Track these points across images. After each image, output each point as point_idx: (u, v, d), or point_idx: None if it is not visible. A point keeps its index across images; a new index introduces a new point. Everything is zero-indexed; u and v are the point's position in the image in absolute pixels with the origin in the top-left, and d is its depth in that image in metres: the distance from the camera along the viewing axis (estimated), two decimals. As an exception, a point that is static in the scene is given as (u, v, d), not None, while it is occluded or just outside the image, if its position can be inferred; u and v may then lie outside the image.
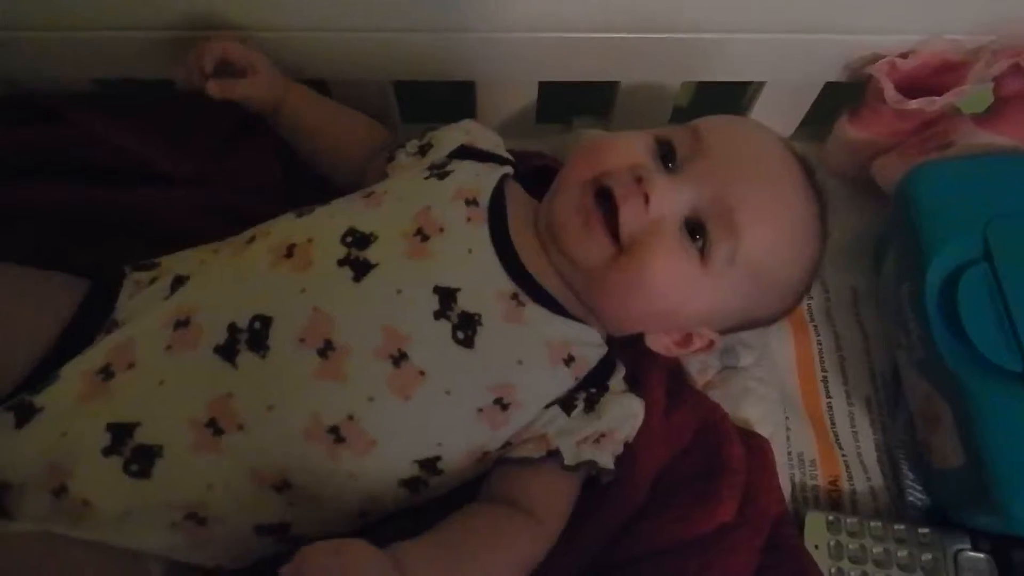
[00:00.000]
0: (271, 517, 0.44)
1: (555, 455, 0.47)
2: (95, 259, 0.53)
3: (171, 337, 0.44)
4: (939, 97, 0.61)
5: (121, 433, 0.42)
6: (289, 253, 0.47)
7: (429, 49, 0.62)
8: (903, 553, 0.54)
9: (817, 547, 0.55)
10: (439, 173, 0.53)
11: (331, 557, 0.35)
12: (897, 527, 0.55)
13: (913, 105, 0.61)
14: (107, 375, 0.44)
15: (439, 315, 0.46)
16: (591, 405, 0.50)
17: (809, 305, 0.67)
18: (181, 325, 0.45)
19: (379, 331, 0.45)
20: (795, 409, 0.62)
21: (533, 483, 0.47)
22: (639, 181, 0.48)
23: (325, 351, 0.44)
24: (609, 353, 0.52)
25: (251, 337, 0.44)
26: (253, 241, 0.50)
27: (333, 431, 0.43)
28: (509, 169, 0.56)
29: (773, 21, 0.61)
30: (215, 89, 0.55)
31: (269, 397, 0.43)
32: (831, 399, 0.64)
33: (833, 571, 0.54)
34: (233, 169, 0.62)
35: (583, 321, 0.51)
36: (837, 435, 0.62)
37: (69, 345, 0.46)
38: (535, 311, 0.49)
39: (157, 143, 0.60)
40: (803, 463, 0.60)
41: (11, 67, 0.63)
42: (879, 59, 0.63)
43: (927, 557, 0.54)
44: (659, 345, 0.54)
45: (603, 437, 0.49)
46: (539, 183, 0.56)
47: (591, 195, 0.49)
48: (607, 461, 0.49)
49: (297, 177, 0.64)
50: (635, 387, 0.53)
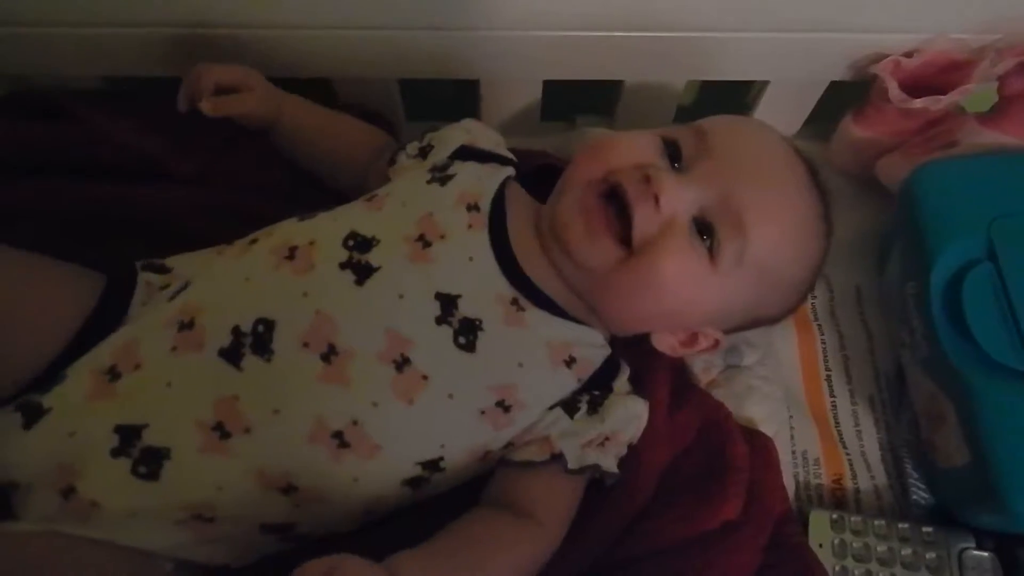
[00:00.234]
0: (277, 517, 0.44)
1: (559, 458, 0.47)
2: (96, 257, 0.53)
3: (176, 338, 0.44)
4: (943, 96, 0.61)
5: (129, 435, 0.42)
6: (291, 255, 0.47)
7: (433, 47, 0.62)
8: (907, 552, 0.55)
9: (821, 546, 0.55)
10: (441, 177, 0.53)
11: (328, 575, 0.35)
12: (901, 526, 0.56)
13: (917, 104, 0.61)
14: (114, 376, 0.44)
15: (440, 321, 0.46)
16: (594, 407, 0.50)
17: (813, 304, 0.67)
18: (185, 327, 0.45)
19: (382, 335, 0.45)
20: (799, 408, 0.63)
21: (536, 487, 0.47)
22: (648, 180, 0.47)
23: (328, 355, 0.44)
24: (613, 354, 0.52)
25: (255, 340, 0.44)
26: (255, 243, 0.50)
27: (337, 436, 0.43)
28: (511, 171, 0.55)
29: (777, 20, 0.61)
30: (208, 107, 0.55)
31: (274, 401, 0.43)
32: (835, 398, 0.64)
33: (837, 569, 0.54)
34: (235, 168, 0.62)
35: (584, 322, 0.51)
36: (841, 434, 0.62)
37: (80, 343, 0.46)
38: (535, 315, 0.49)
39: (159, 142, 0.60)
40: (807, 462, 0.60)
41: (17, 63, 0.63)
42: (883, 58, 0.63)
43: (931, 556, 0.54)
44: (664, 345, 0.54)
45: (607, 440, 0.49)
46: (542, 182, 0.56)
47: (596, 195, 0.49)
48: (611, 464, 0.49)
49: (299, 177, 0.64)
50: (639, 387, 0.53)
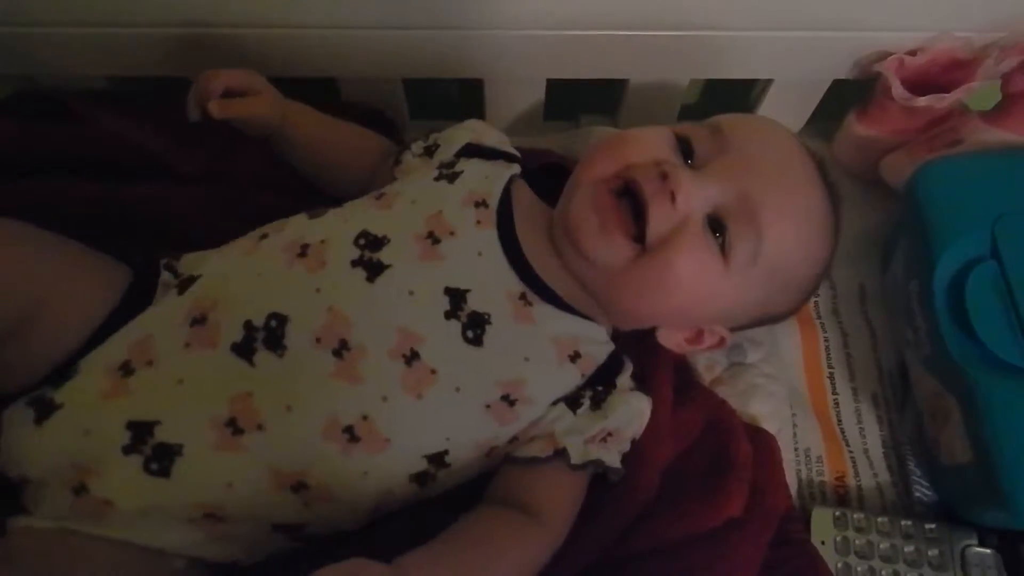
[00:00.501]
0: (288, 517, 0.45)
1: (562, 454, 0.47)
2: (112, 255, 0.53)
3: (189, 334, 0.45)
4: (947, 94, 0.61)
5: (141, 431, 0.42)
6: (303, 253, 0.48)
7: (438, 47, 0.62)
8: (910, 549, 0.55)
9: (824, 543, 0.55)
10: (449, 175, 0.53)
11: None
12: (904, 523, 0.56)
13: (921, 102, 0.61)
14: (127, 372, 0.44)
15: (449, 315, 0.46)
16: (598, 403, 0.50)
17: (816, 302, 0.68)
18: (198, 322, 0.45)
19: (393, 331, 0.45)
20: (802, 405, 0.63)
21: (539, 483, 0.47)
22: (664, 177, 0.47)
23: (340, 351, 0.44)
24: (617, 350, 0.53)
25: (268, 336, 0.44)
26: (265, 239, 0.50)
27: (348, 431, 0.43)
28: (517, 168, 0.56)
29: (782, 18, 0.61)
30: (215, 109, 0.55)
31: (287, 397, 0.43)
32: (838, 396, 0.64)
33: (840, 566, 0.54)
34: (241, 167, 0.62)
35: (590, 318, 0.52)
36: (844, 431, 0.62)
37: (102, 338, 0.46)
38: (543, 309, 0.49)
39: (166, 141, 0.60)
40: (810, 459, 0.60)
41: (22, 63, 0.64)
42: (887, 56, 0.63)
43: (934, 553, 0.55)
44: (670, 341, 0.54)
45: (610, 436, 0.49)
46: (547, 181, 0.56)
47: (609, 192, 0.49)
48: (614, 460, 0.49)
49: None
50: (643, 384, 0.54)
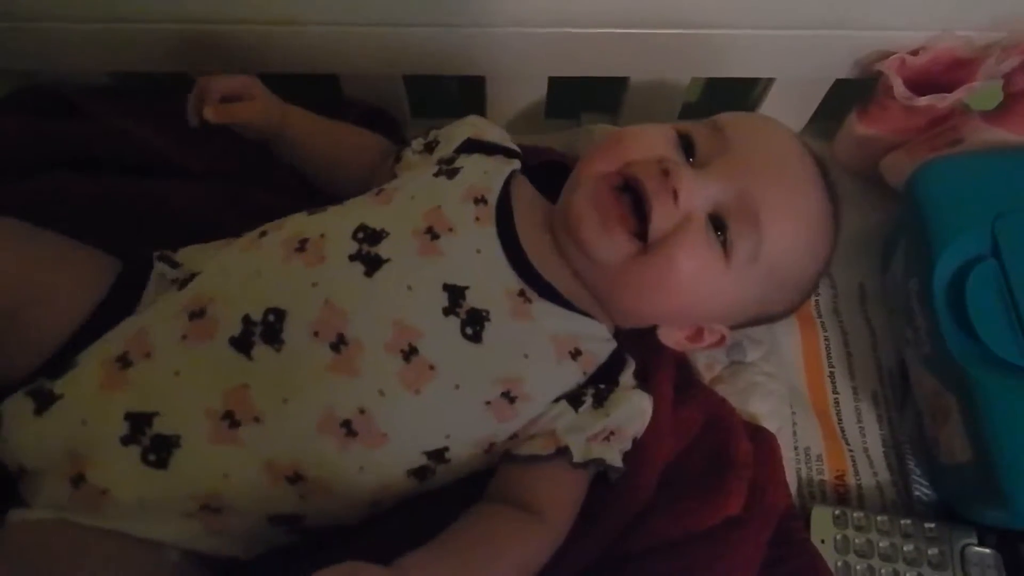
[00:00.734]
0: (284, 508, 0.45)
1: (564, 452, 0.47)
2: (107, 250, 0.53)
3: (186, 327, 0.45)
4: (949, 94, 0.61)
5: (139, 423, 0.42)
6: (302, 247, 0.48)
7: (439, 44, 0.62)
8: (909, 547, 0.55)
9: (823, 541, 0.55)
10: (448, 171, 0.53)
11: None
12: (904, 522, 0.56)
13: (922, 102, 0.61)
14: (125, 364, 0.44)
15: (448, 311, 0.46)
16: (599, 401, 0.50)
17: (816, 301, 0.68)
18: (196, 316, 0.45)
19: (390, 325, 0.45)
20: (802, 404, 0.63)
21: (541, 481, 0.47)
22: (666, 175, 0.47)
23: (338, 345, 0.44)
24: (619, 348, 0.53)
25: (265, 330, 0.44)
26: (265, 235, 0.50)
27: (345, 425, 0.43)
28: (517, 164, 0.56)
29: (783, 17, 0.61)
30: (211, 114, 0.54)
31: (284, 390, 0.43)
32: (838, 394, 0.64)
33: (839, 565, 0.54)
34: (245, 163, 0.62)
35: (590, 315, 0.51)
36: (844, 430, 0.62)
37: (92, 329, 0.46)
38: (542, 306, 0.49)
39: (170, 137, 0.60)
40: (809, 458, 0.60)
41: (23, 59, 0.64)
42: (889, 55, 0.63)
43: (933, 551, 0.54)
44: (670, 339, 0.54)
45: (612, 434, 0.49)
46: (547, 178, 0.56)
47: (610, 189, 0.49)
48: (615, 459, 0.49)
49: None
50: (644, 382, 0.54)
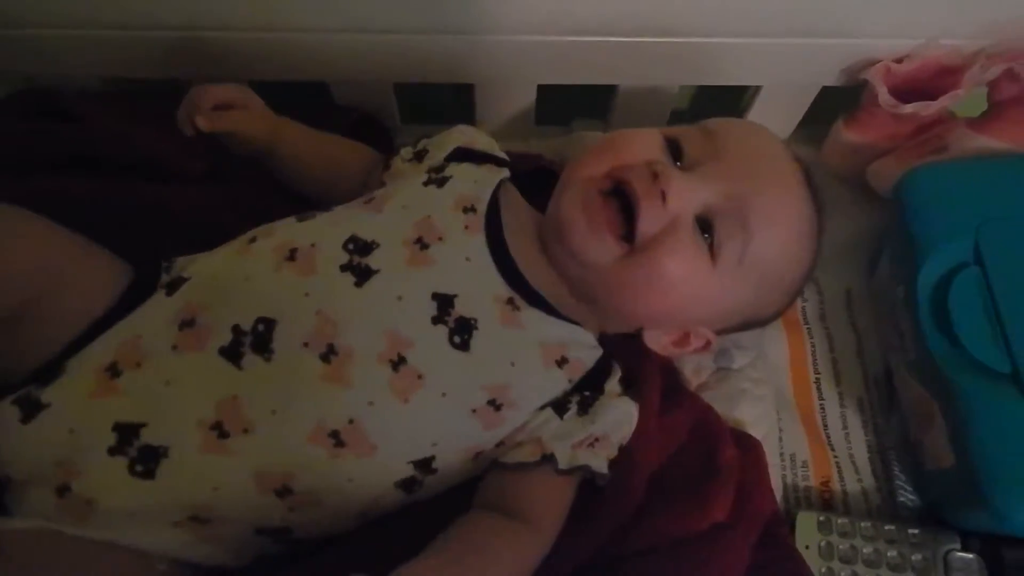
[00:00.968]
0: (272, 520, 0.45)
1: (549, 459, 0.47)
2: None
3: (177, 337, 0.45)
4: (934, 101, 0.62)
5: (127, 433, 0.42)
6: (292, 257, 0.48)
7: (429, 51, 0.63)
8: (893, 553, 0.55)
9: (808, 547, 0.55)
10: (438, 180, 0.54)
11: None
12: (888, 527, 0.56)
13: (908, 109, 0.62)
14: (114, 373, 0.44)
15: (437, 320, 0.47)
16: (585, 408, 0.50)
17: (803, 307, 0.68)
18: (187, 325, 0.45)
19: (381, 336, 0.45)
20: (788, 410, 0.63)
21: (528, 489, 0.47)
22: (655, 177, 0.48)
23: (328, 355, 0.44)
24: (605, 355, 0.53)
25: (255, 340, 0.44)
26: (255, 241, 0.51)
27: (334, 435, 0.43)
28: (506, 172, 0.56)
29: (770, 25, 0.62)
30: (203, 123, 0.54)
31: (274, 400, 0.43)
32: (824, 400, 0.64)
33: (823, 571, 0.55)
34: (244, 167, 0.62)
35: (578, 323, 0.52)
36: (829, 436, 0.62)
37: (91, 335, 0.46)
38: (530, 314, 0.50)
39: (168, 141, 0.60)
40: (795, 464, 0.61)
41: (24, 63, 0.64)
42: (875, 63, 0.63)
43: (917, 557, 0.55)
44: (656, 344, 0.54)
45: (597, 441, 0.49)
46: (537, 185, 0.56)
47: (598, 192, 0.49)
48: (601, 466, 0.49)
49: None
50: (630, 389, 0.54)
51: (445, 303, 0.47)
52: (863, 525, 0.56)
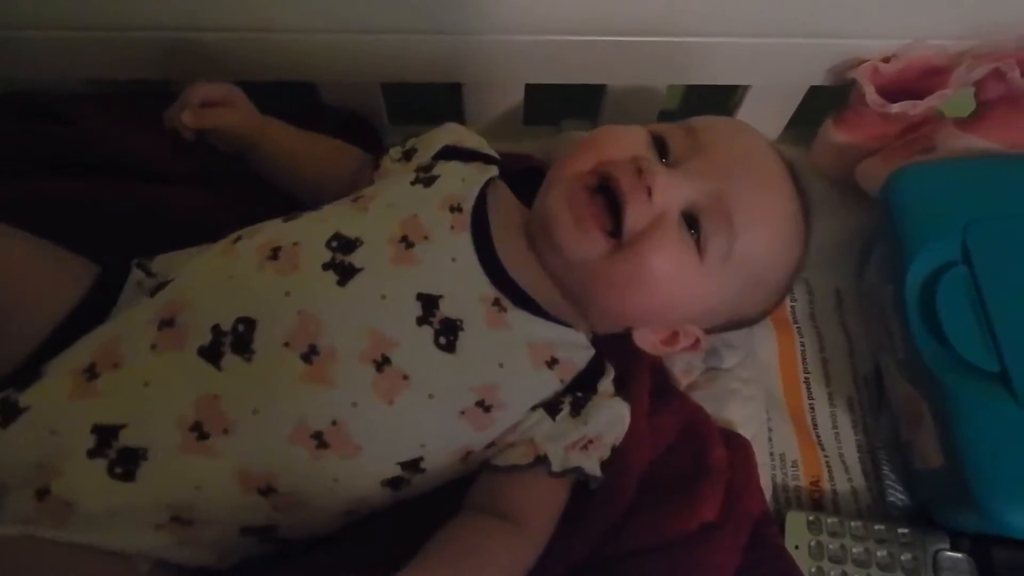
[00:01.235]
0: (256, 520, 0.44)
1: (543, 461, 0.47)
2: (93, 255, 0.52)
3: (156, 337, 0.44)
4: (921, 101, 0.62)
5: (106, 435, 0.42)
6: (274, 255, 0.47)
7: (417, 51, 0.62)
8: (883, 553, 0.55)
9: (797, 547, 0.55)
10: (426, 179, 0.53)
11: None
12: (877, 527, 0.56)
13: (895, 109, 0.62)
14: (92, 375, 0.43)
15: (422, 321, 0.46)
16: (577, 409, 0.50)
17: (792, 307, 0.68)
18: (166, 325, 0.45)
19: (364, 335, 0.45)
20: (778, 410, 0.63)
21: (520, 490, 0.47)
22: (640, 173, 0.48)
23: (309, 355, 0.44)
24: (597, 355, 0.53)
25: (235, 340, 0.44)
26: (239, 241, 0.50)
27: (317, 436, 0.43)
28: (495, 170, 0.56)
29: (758, 25, 0.62)
30: (189, 117, 0.54)
31: (254, 401, 0.43)
32: (813, 400, 0.64)
33: (813, 571, 0.55)
34: (232, 167, 0.62)
35: (567, 323, 0.51)
36: (819, 436, 0.62)
37: (61, 337, 0.46)
38: (517, 315, 0.49)
39: (156, 142, 0.60)
40: (785, 464, 0.61)
41: (8, 65, 0.63)
42: (862, 63, 0.63)
43: (907, 557, 0.55)
44: (645, 343, 0.54)
45: (590, 443, 0.49)
46: (526, 185, 0.56)
47: (585, 188, 0.49)
48: (594, 467, 0.49)
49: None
50: (620, 389, 0.54)
51: (430, 304, 0.47)
52: (853, 525, 0.56)
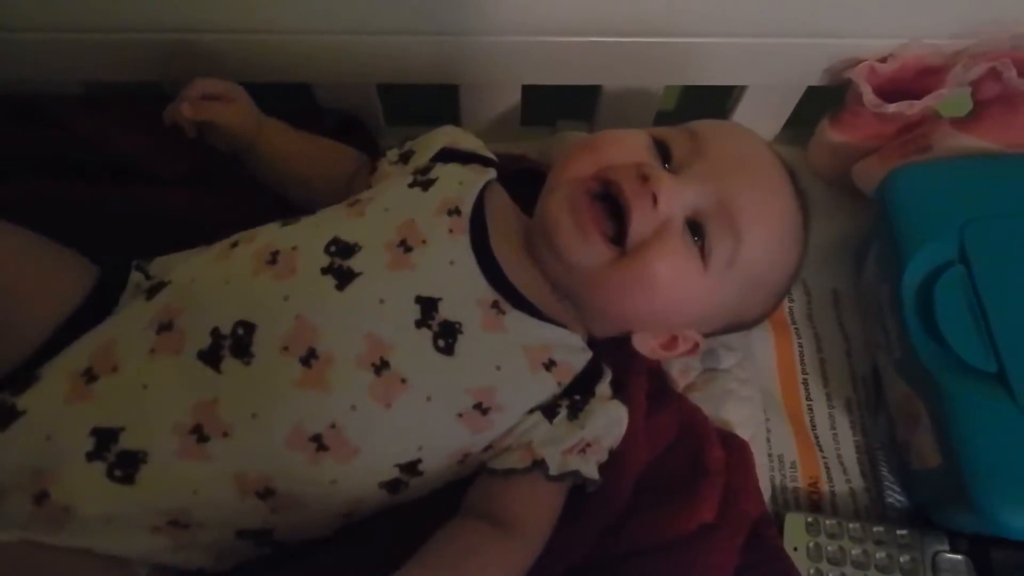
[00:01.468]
0: (253, 523, 0.44)
1: (540, 465, 0.47)
2: (92, 257, 0.52)
3: (154, 340, 0.44)
4: (917, 101, 0.62)
5: (105, 438, 0.42)
6: (273, 260, 0.47)
7: (413, 52, 0.62)
8: (882, 554, 0.55)
9: (796, 549, 0.55)
10: (423, 182, 0.53)
11: None
12: (876, 528, 0.56)
13: (891, 109, 0.62)
14: (90, 378, 0.43)
15: (420, 324, 0.46)
16: (575, 412, 0.50)
17: (790, 307, 0.68)
18: (164, 328, 0.45)
19: (362, 339, 0.45)
20: (776, 411, 0.63)
21: (517, 495, 0.47)
22: (645, 179, 0.47)
23: (308, 359, 0.44)
24: (595, 358, 0.52)
25: (235, 343, 0.44)
26: (236, 246, 0.50)
27: (315, 439, 0.43)
28: (493, 173, 0.56)
29: (754, 25, 0.62)
30: (187, 109, 0.54)
31: (253, 404, 0.43)
32: (811, 401, 0.64)
33: (812, 572, 0.54)
34: (226, 169, 0.62)
35: (564, 325, 0.51)
36: (817, 437, 0.62)
37: (59, 338, 0.46)
38: (515, 317, 0.49)
39: (150, 143, 0.60)
40: (783, 465, 0.61)
41: (7, 67, 0.63)
42: (859, 63, 0.63)
43: (906, 558, 0.55)
44: (644, 347, 0.54)
45: (588, 446, 0.49)
46: (523, 186, 0.56)
47: (586, 193, 0.49)
48: (591, 471, 0.48)
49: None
50: (618, 391, 0.53)
51: (429, 307, 0.47)
52: (851, 526, 0.56)
